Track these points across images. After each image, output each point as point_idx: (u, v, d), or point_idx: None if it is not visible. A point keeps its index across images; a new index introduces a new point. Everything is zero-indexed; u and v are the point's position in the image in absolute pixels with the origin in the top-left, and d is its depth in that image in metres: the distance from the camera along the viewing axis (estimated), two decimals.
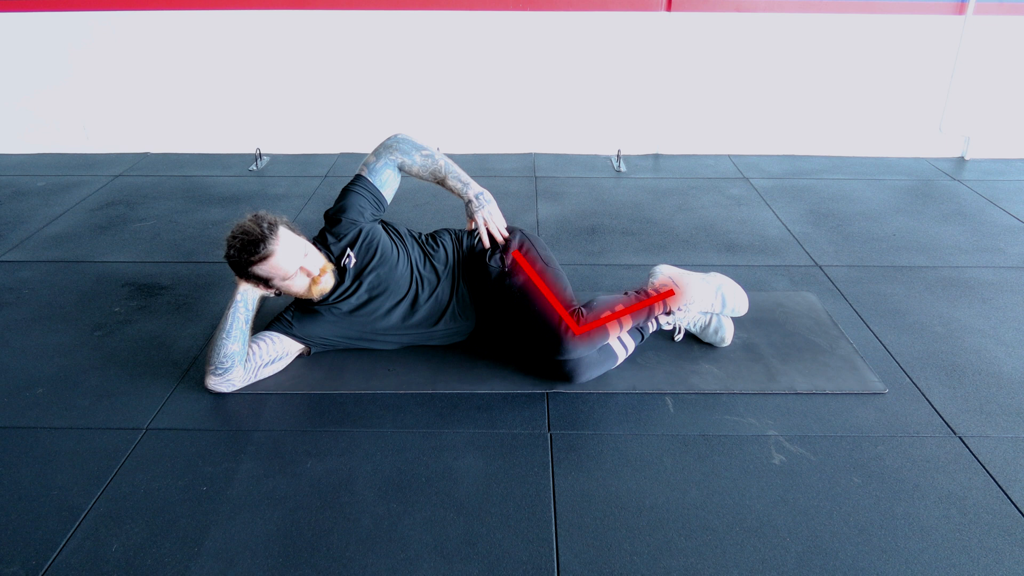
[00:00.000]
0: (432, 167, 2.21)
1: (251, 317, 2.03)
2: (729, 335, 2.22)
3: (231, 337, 1.99)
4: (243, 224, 1.97)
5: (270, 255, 1.95)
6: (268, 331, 2.09)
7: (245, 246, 1.94)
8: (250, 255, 1.94)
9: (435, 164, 2.21)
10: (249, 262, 1.96)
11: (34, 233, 3.08)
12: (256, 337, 2.07)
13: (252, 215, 1.99)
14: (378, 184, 2.19)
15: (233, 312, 2.00)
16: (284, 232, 1.99)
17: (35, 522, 1.61)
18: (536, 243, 2.24)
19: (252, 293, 2.04)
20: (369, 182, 2.18)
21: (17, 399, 2.02)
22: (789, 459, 1.80)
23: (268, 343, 2.06)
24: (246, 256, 1.95)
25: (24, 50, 3.90)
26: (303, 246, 2.02)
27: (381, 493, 1.69)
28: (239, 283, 2.03)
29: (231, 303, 2.01)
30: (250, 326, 2.03)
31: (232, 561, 1.52)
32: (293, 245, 1.99)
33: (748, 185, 3.63)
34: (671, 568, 1.50)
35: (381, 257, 2.12)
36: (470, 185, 2.21)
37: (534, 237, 2.26)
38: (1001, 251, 2.92)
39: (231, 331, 1.99)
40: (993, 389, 2.07)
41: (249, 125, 4.07)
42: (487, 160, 3.97)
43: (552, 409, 1.97)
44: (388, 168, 2.20)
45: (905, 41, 3.83)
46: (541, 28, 3.85)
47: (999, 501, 1.68)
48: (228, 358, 1.98)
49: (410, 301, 2.13)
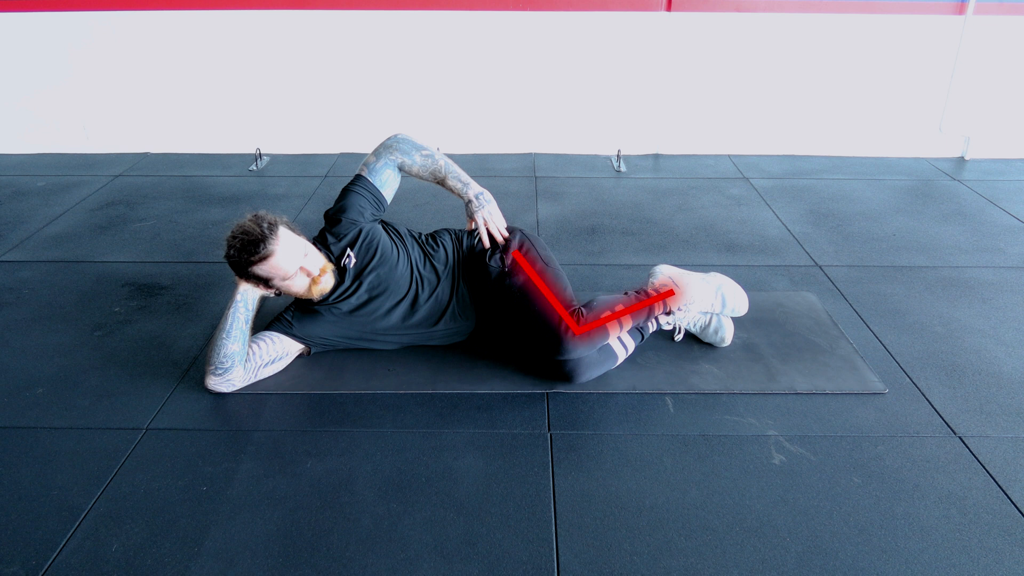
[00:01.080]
0: (432, 167, 2.21)
1: (251, 317, 2.03)
2: (729, 335, 2.22)
3: (231, 337, 1.99)
4: (243, 224, 1.97)
5: (270, 255, 1.95)
6: (268, 331, 2.09)
7: (245, 246, 1.94)
8: (250, 255, 1.94)
9: (435, 164, 2.21)
10: (249, 262, 1.96)
11: (34, 233, 3.08)
12: (256, 337, 2.07)
13: (252, 215, 1.99)
14: (378, 184, 2.19)
15: (233, 312, 2.00)
16: (284, 232, 1.99)
17: (35, 522, 1.61)
18: (536, 243, 2.24)
19: (252, 293, 2.04)
20: (369, 182, 2.18)
21: (17, 399, 2.02)
22: (789, 459, 1.80)
23: (268, 343, 2.06)
24: (246, 256, 1.95)
25: (24, 50, 3.90)
26: (303, 246, 2.02)
27: (381, 493, 1.69)
28: (239, 283, 2.03)
29: (231, 303, 2.01)
30: (250, 326, 2.03)
31: (232, 561, 1.52)
32: (293, 245, 1.99)
33: (748, 185, 3.63)
34: (671, 568, 1.50)
35: (381, 257, 2.12)
36: (470, 185, 2.21)
37: (534, 237, 2.26)
38: (1001, 251, 2.92)
39: (231, 331, 1.99)
40: (993, 389, 2.07)
41: (249, 125, 4.07)
42: (487, 160, 3.97)
43: (552, 409, 1.97)
44: (388, 168, 2.20)
45: (905, 41, 3.83)
46: (541, 28, 3.85)
47: (999, 501, 1.68)
48: (228, 358, 1.98)
49: (410, 301, 2.13)
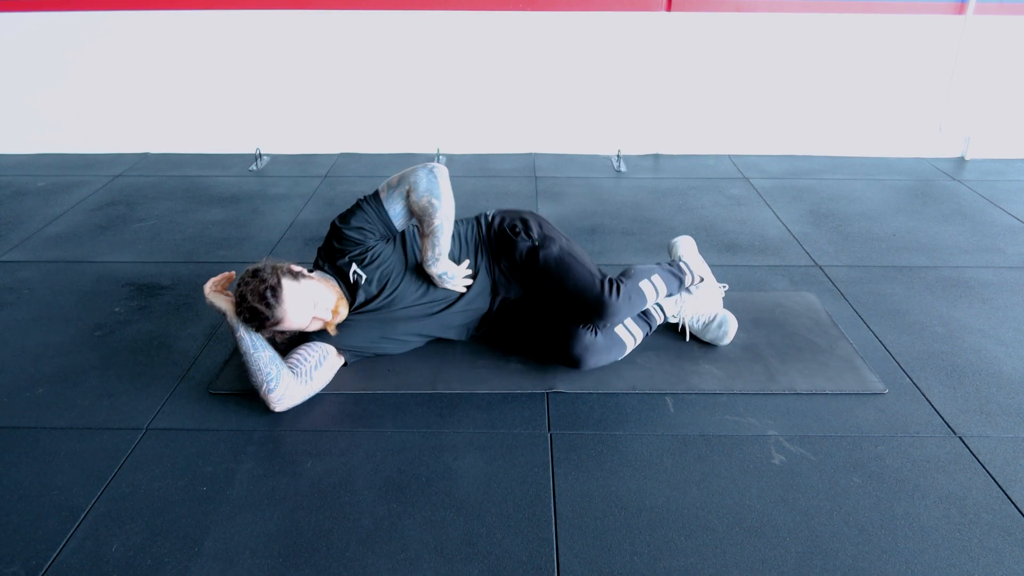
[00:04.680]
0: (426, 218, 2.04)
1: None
2: (732, 332, 2.22)
3: (256, 347, 1.91)
4: (247, 287, 1.88)
5: (279, 322, 1.90)
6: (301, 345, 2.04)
7: (253, 316, 1.88)
8: (259, 326, 1.90)
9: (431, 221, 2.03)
10: (261, 328, 1.91)
11: (34, 233, 3.08)
12: (291, 352, 2.01)
13: (252, 273, 1.90)
14: (391, 215, 2.05)
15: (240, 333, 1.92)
16: (288, 293, 1.89)
17: (35, 522, 1.61)
18: (551, 223, 2.25)
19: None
20: (383, 208, 2.05)
21: (17, 399, 2.02)
22: (789, 459, 1.80)
23: (306, 348, 2.01)
24: (256, 325, 1.90)
25: (24, 50, 3.90)
26: (311, 297, 1.94)
27: (381, 493, 1.69)
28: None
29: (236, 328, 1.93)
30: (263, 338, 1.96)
31: (232, 561, 1.52)
32: (301, 303, 1.91)
33: (748, 185, 3.63)
34: (671, 568, 1.50)
35: (390, 264, 2.09)
36: (439, 262, 2.07)
37: (546, 219, 2.27)
38: (1001, 251, 2.92)
39: (252, 344, 1.91)
40: (993, 389, 2.07)
41: (249, 125, 4.07)
42: (487, 160, 3.97)
43: (552, 409, 1.97)
44: (403, 200, 2.05)
45: (905, 41, 3.83)
46: (541, 28, 3.85)
47: (999, 501, 1.68)
48: (267, 365, 1.90)
49: (426, 287, 2.12)
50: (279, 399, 1.91)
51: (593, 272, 2.10)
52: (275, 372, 1.90)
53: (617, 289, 2.05)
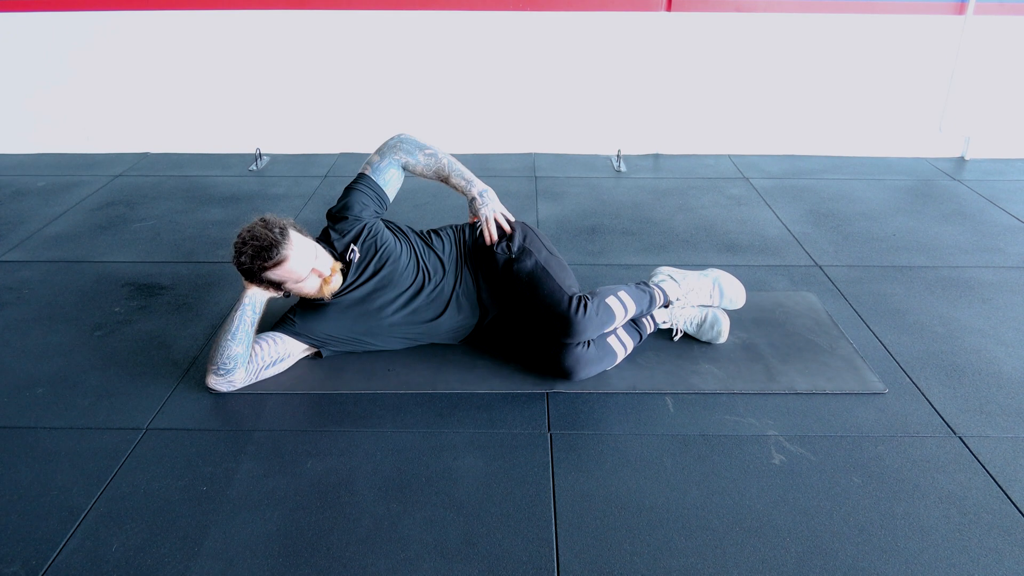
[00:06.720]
0: (436, 166, 2.21)
1: (257, 320, 2.03)
2: (726, 330, 2.22)
3: (236, 339, 1.98)
4: (252, 229, 1.95)
5: (284, 260, 1.93)
6: (272, 332, 2.09)
7: (258, 252, 1.92)
8: (263, 261, 1.92)
9: (439, 163, 2.22)
10: (263, 268, 1.94)
11: (34, 233, 3.08)
12: (259, 338, 2.06)
13: (260, 219, 1.97)
14: (381, 183, 2.19)
15: (240, 315, 1.99)
16: (294, 235, 1.98)
17: (35, 522, 1.61)
18: (539, 235, 2.25)
19: (260, 296, 2.03)
20: (372, 180, 2.18)
21: (17, 399, 2.02)
22: (789, 459, 1.80)
23: (270, 344, 2.06)
24: (259, 262, 1.93)
25: (24, 50, 3.90)
26: (313, 247, 2.02)
27: (381, 493, 1.69)
28: (247, 286, 2.02)
29: (238, 306, 2.00)
30: (255, 328, 2.03)
31: (232, 561, 1.52)
32: (304, 248, 1.98)
33: (748, 185, 3.63)
34: (671, 568, 1.50)
35: (385, 251, 2.12)
36: (473, 183, 2.22)
37: (536, 230, 2.27)
38: (1001, 251, 2.92)
39: (236, 333, 1.98)
40: (993, 389, 2.07)
41: (249, 125, 4.07)
42: (487, 160, 3.97)
43: (552, 409, 1.97)
44: (392, 167, 2.21)
45: (905, 41, 3.83)
46: (541, 28, 3.85)
47: (999, 501, 1.68)
48: (231, 359, 1.97)
49: (414, 292, 2.12)
50: (217, 383, 2.01)
51: (564, 288, 2.06)
52: (232, 366, 1.98)
53: (584, 306, 2.01)
